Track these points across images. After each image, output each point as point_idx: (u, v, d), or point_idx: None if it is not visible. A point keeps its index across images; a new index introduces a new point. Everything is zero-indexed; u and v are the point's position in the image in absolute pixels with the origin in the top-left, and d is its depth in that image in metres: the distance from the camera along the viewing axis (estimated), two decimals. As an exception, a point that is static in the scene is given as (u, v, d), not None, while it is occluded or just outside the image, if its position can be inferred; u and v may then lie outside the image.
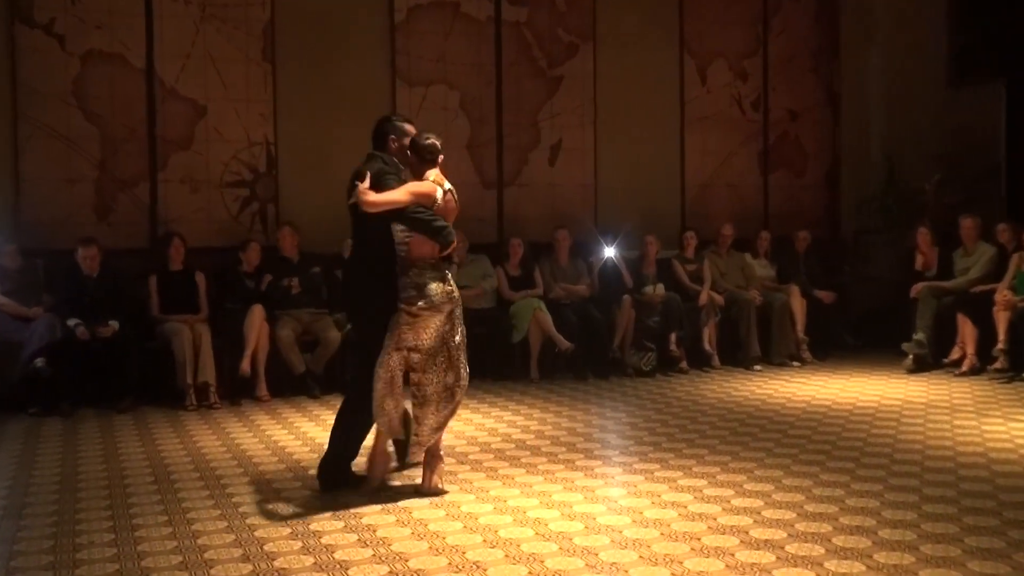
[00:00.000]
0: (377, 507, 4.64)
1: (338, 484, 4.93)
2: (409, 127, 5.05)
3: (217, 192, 8.63)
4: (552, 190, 9.81)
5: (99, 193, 8.31)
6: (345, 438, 4.98)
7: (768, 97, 10.77)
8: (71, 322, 7.36)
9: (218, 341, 7.71)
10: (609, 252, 9.15)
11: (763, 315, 9.30)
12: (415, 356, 4.76)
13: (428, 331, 4.75)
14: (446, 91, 9.35)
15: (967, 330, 8.40)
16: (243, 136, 8.71)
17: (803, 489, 4.85)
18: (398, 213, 4.72)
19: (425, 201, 4.78)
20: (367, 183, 4.72)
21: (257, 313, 7.72)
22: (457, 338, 4.84)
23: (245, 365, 7.56)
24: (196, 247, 8.26)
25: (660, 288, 9.09)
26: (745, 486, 4.93)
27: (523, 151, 9.72)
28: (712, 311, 9.14)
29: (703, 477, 5.13)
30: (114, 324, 7.46)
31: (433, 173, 4.90)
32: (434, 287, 4.77)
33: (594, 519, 4.42)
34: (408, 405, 4.93)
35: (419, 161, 4.93)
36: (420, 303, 4.74)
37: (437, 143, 4.97)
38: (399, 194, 4.74)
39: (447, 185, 4.89)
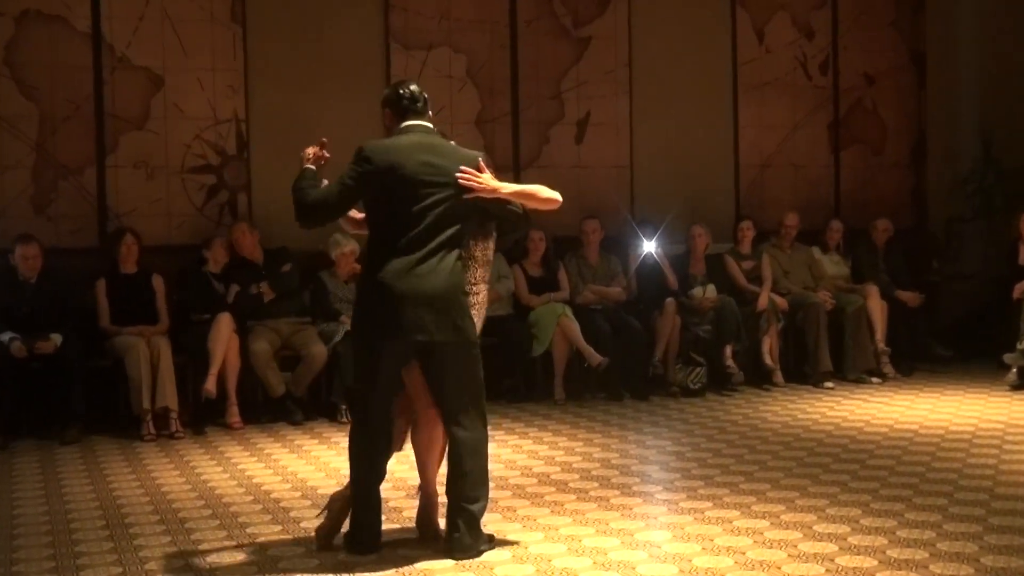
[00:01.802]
0: (372, 557, 4.64)
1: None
2: None
3: (177, 179, 8.67)
4: (579, 173, 9.81)
5: (37, 181, 8.35)
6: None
7: (839, 58, 10.73)
8: (4, 336, 7.40)
9: (180, 358, 7.74)
10: (648, 247, 9.13)
11: (835, 322, 9.26)
12: None
13: None
14: (450, 55, 9.37)
15: (1083, 338, 8.35)
16: (208, 112, 8.74)
17: (885, 531, 4.82)
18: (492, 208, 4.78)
19: None
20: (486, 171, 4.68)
21: (225, 324, 7.75)
22: None
23: (211, 386, 7.58)
24: (153, 245, 8.29)
25: (711, 290, 9.07)
26: (815, 528, 4.90)
27: (544, 127, 9.72)
28: (773, 317, 9.11)
29: (764, 517, 5.11)
30: (56, 338, 7.49)
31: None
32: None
33: (633, 569, 4.41)
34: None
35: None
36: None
37: None
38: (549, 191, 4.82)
39: None
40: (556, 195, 4.78)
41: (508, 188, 4.75)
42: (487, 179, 4.66)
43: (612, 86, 9.91)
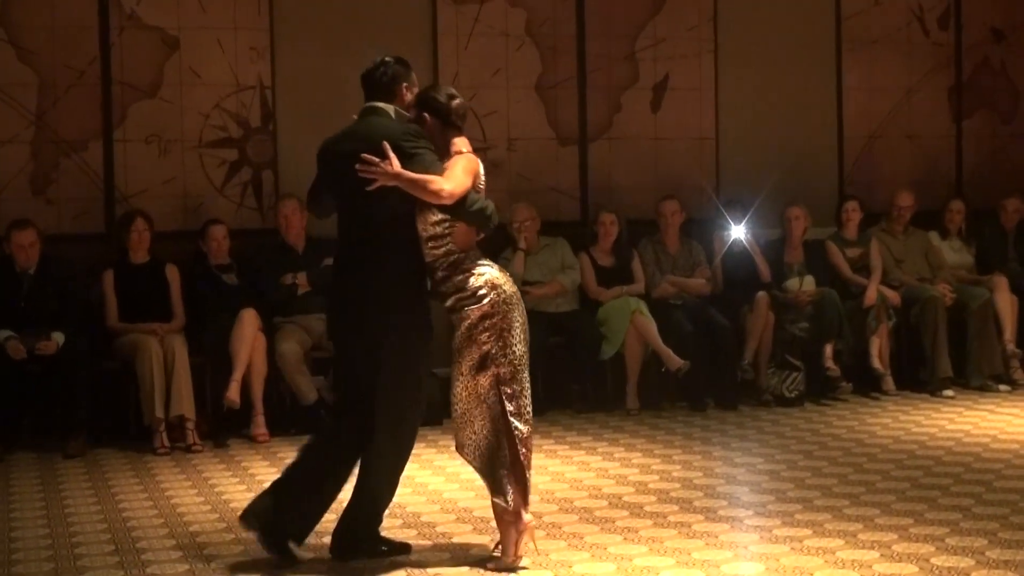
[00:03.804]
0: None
1: (358, 551, 5.11)
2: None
3: (194, 155, 8.76)
4: (656, 146, 9.78)
5: (36, 158, 8.48)
6: (374, 491, 5.13)
7: (962, 9, 10.61)
8: (0, 335, 7.53)
9: (198, 360, 7.83)
10: (737, 232, 9.09)
11: (957, 319, 9.18)
12: (504, 370, 4.95)
13: (514, 333, 4.98)
14: (507, 9, 9.38)
15: None
16: (229, 78, 8.81)
17: (1017, 565, 4.78)
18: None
19: (476, 182, 5.05)
20: (392, 156, 4.83)
21: (249, 322, 7.83)
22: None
23: (233, 394, 7.65)
24: (167, 231, 8.40)
25: (809, 282, 9.02)
26: (932, 560, 4.87)
27: (615, 93, 9.70)
28: (884, 313, 9.05)
29: (874, 547, 5.08)
30: (58, 337, 7.60)
31: (462, 142, 5.11)
32: (490, 280, 4.99)
33: (719, 605, 4.41)
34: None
35: (442, 126, 5.12)
36: (488, 301, 4.95)
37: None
38: (463, 176, 4.93)
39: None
40: (446, 186, 4.83)
41: (408, 175, 4.81)
42: (388, 165, 4.81)
43: (695, 44, 9.86)
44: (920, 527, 5.38)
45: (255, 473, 6.90)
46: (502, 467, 4.94)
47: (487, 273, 5.01)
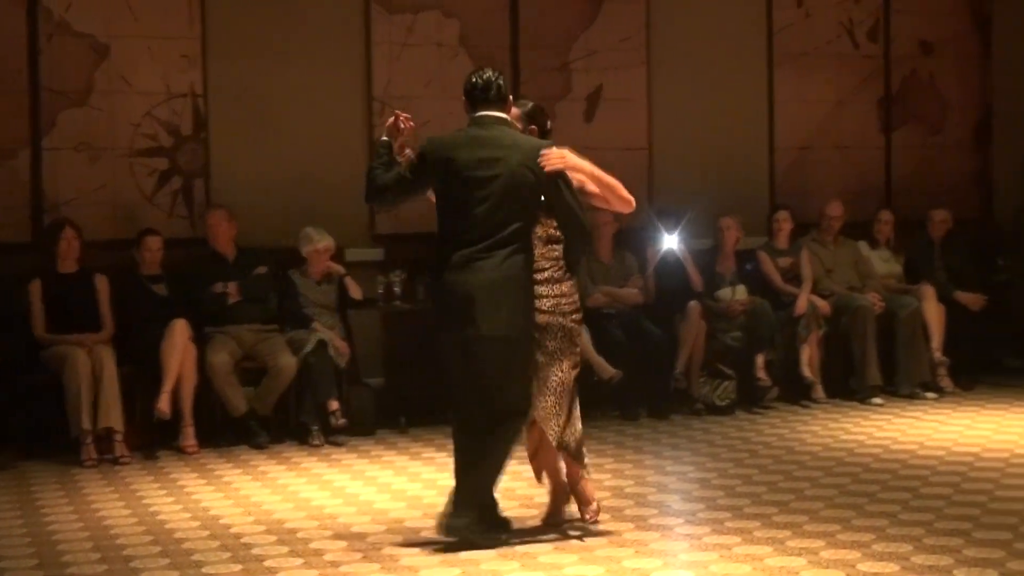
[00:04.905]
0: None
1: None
2: None
3: (125, 163, 8.66)
4: (590, 157, 9.66)
5: (-38, 167, 8.38)
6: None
7: (891, 23, 10.73)
8: (-75, 346, 7.43)
9: (127, 371, 7.75)
10: (670, 242, 9.13)
11: (886, 328, 9.27)
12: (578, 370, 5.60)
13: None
14: (440, 20, 9.37)
15: None
16: (160, 86, 8.74)
17: (940, 570, 4.83)
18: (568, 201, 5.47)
19: None
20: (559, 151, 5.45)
21: (180, 332, 7.76)
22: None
23: (164, 404, 7.59)
24: (96, 240, 8.29)
25: (741, 291, 9.09)
26: (859, 567, 4.91)
27: (548, 102, 9.66)
28: (814, 322, 9.12)
29: (801, 554, 5.12)
30: (-16, 348, 7.51)
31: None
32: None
33: (647, 613, 4.42)
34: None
35: (539, 137, 5.68)
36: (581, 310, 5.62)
37: None
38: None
39: None
40: (631, 198, 5.64)
41: (589, 167, 5.58)
42: (563, 154, 5.43)
43: (628, 56, 9.91)
44: (847, 533, 5.43)
45: (184, 485, 6.84)
46: (583, 444, 5.64)
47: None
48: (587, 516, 5.67)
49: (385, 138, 5.62)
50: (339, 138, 9.06)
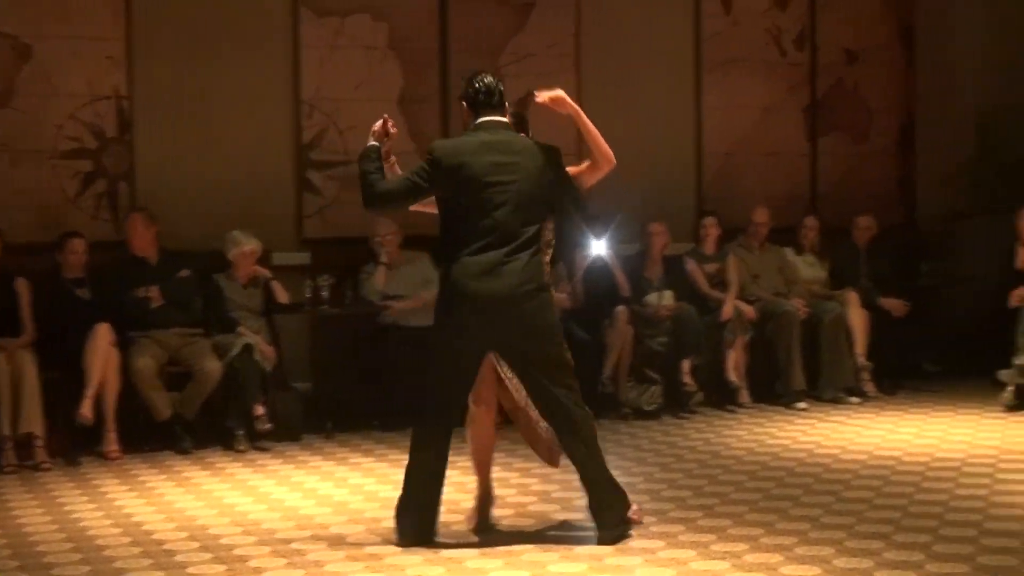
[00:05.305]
0: None
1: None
2: None
3: (48, 166, 8.57)
4: (518, 161, 9.80)
5: None
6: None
7: (817, 32, 10.85)
8: None
9: (49, 376, 7.64)
10: (597, 248, 9.16)
11: (810, 333, 9.36)
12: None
13: None
14: (370, 23, 9.35)
15: (1089, 352, 8.52)
16: (84, 88, 8.65)
17: (862, 572, 4.88)
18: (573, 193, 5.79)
19: None
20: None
21: (103, 336, 7.68)
22: None
23: (87, 410, 7.51)
24: (17, 243, 8.15)
25: (668, 296, 9.14)
26: (782, 570, 4.95)
27: (478, 107, 9.71)
28: (740, 328, 9.20)
29: (725, 558, 5.15)
30: (-99, 352, 7.39)
31: None
32: None
33: (571, 618, 4.42)
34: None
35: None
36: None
37: None
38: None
39: None
40: (611, 153, 5.74)
41: (585, 119, 5.71)
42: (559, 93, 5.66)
43: (558, 61, 9.94)
44: (771, 537, 5.47)
45: (106, 491, 6.75)
46: None
47: None
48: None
49: (374, 143, 5.57)
50: (267, 141, 9.03)
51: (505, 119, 5.58)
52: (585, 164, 5.84)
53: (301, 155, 9.15)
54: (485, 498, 5.80)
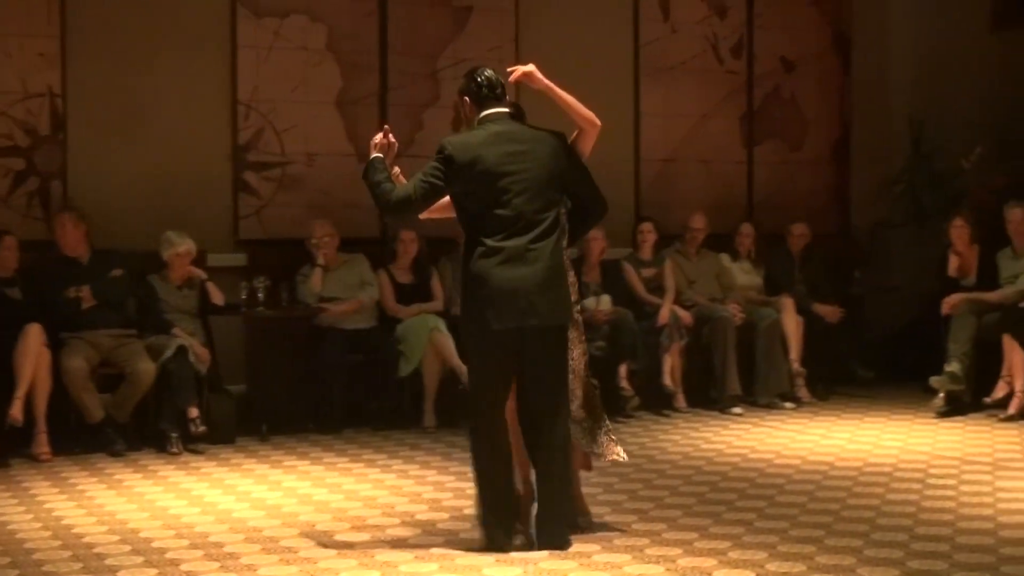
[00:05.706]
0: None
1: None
2: None
3: (-22, 163, 8.49)
4: (457, 165, 9.80)
5: None
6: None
7: (754, 40, 10.94)
8: None
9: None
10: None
11: (746, 339, 9.44)
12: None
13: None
14: (308, 25, 9.31)
15: (1016, 359, 8.63)
16: (16, 85, 8.57)
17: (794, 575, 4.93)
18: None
19: None
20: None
21: (34, 337, 7.60)
22: None
23: (17, 411, 7.43)
24: (-54, 242, 8.08)
25: (605, 301, 9.17)
26: (715, 573, 4.99)
27: (416, 110, 9.71)
28: (676, 333, 9.24)
29: (659, 562, 5.17)
30: None
31: None
32: None
33: (506, 622, 4.42)
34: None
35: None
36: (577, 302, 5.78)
37: None
38: None
39: None
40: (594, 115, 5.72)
41: (558, 91, 5.75)
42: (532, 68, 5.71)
43: (496, 65, 9.82)
44: (705, 541, 5.50)
45: (36, 494, 6.66)
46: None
47: None
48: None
49: (378, 155, 5.56)
50: (203, 141, 8.97)
51: (509, 110, 5.64)
52: (574, 134, 5.84)
53: (237, 156, 9.10)
54: (527, 496, 5.74)
